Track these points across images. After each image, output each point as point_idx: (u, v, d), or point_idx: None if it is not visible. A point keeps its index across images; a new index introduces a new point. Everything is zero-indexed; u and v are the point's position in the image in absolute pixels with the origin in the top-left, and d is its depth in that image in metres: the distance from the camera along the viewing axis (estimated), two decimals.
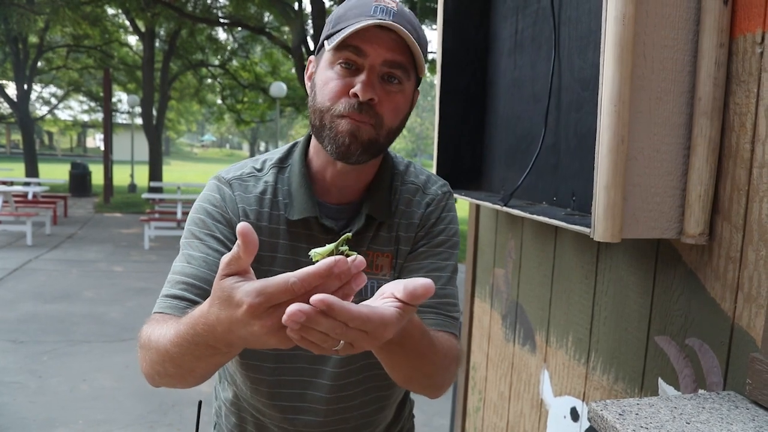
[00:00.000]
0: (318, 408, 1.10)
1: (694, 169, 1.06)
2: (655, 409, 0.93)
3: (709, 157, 1.05)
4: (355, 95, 0.94)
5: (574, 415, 1.54)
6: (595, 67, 1.26)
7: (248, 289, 0.62)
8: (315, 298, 0.58)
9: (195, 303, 0.92)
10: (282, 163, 1.10)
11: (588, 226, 1.10)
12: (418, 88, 1.07)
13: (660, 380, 1.21)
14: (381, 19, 0.92)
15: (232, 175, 1.07)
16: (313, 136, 1.06)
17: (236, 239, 1.00)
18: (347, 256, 0.64)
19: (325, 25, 1.02)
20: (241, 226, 0.62)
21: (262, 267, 1.05)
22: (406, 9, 1.00)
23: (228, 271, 0.65)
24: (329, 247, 0.72)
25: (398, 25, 0.93)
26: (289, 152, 1.12)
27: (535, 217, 1.34)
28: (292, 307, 0.57)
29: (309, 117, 1.02)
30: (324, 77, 0.98)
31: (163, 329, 0.84)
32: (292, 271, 0.76)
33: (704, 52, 1.03)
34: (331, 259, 0.61)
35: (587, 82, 1.31)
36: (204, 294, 0.93)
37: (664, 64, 1.04)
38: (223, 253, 0.98)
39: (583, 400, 1.50)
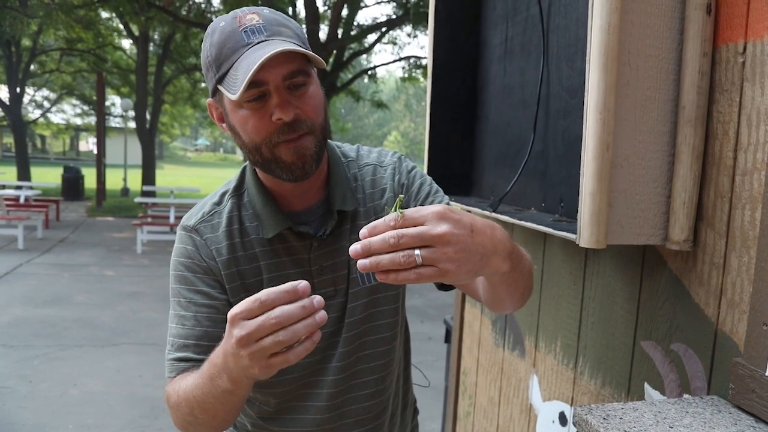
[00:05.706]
0: (325, 405, 1.14)
1: (679, 176, 1.08)
2: (639, 413, 0.94)
3: (693, 164, 1.07)
4: (279, 119, 0.95)
5: (563, 419, 1.55)
6: (582, 75, 1.27)
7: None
8: (362, 232, 0.72)
9: (201, 361, 0.97)
10: (238, 191, 1.12)
11: (574, 232, 1.11)
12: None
13: (646, 385, 1.22)
14: (260, 42, 0.93)
15: (195, 221, 1.09)
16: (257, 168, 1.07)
17: (219, 284, 1.06)
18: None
19: (204, 71, 1.01)
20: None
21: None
22: (266, 10, 0.99)
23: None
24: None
25: (276, 42, 0.93)
26: (242, 178, 1.13)
27: (523, 223, 1.35)
28: (354, 246, 0.70)
29: (246, 156, 1.04)
30: (239, 118, 0.98)
31: (187, 380, 0.95)
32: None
33: (688, 62, 1.05)
34: (295, 282, 0.76)
35: (575, 90, 1.32)
36: (205, 350, 0.98)
37: (649, 72, 1.06)
38: (209, 305, 1.04)
39: (571, 405, 1.51)
